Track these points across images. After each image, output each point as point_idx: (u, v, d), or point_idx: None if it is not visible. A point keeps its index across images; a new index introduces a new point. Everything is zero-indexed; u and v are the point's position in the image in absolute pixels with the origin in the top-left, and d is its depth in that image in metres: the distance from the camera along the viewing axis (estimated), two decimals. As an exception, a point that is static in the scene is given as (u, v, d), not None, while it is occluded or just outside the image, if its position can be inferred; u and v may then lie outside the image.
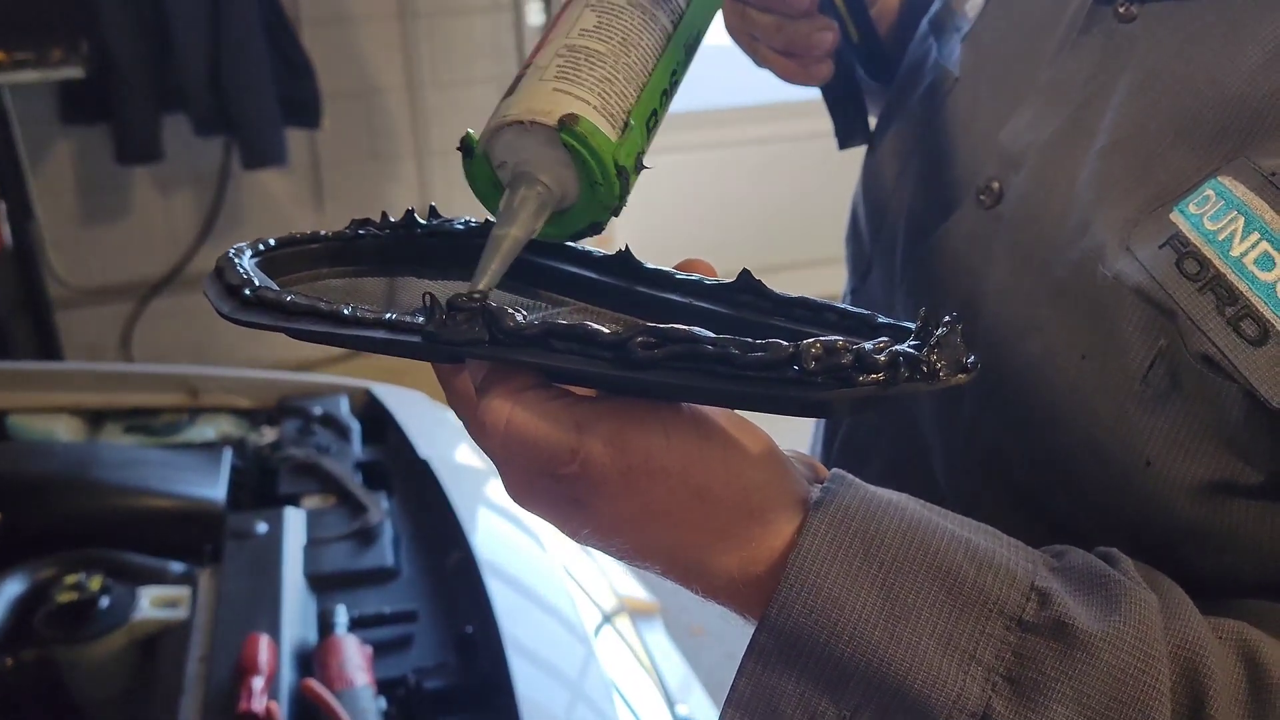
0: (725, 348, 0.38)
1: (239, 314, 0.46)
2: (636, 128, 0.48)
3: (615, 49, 0.48)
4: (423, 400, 1.61)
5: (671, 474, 0.41)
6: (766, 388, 0.38)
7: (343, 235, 0.55)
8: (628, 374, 0.39)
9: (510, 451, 0.42)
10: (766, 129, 3.74)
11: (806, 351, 0.37)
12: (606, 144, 0.46)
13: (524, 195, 0.47)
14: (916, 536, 0.42)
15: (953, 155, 0.66)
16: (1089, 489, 0.53)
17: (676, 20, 0.51)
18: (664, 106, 0.50)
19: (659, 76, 0.49)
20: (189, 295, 3.30)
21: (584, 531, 0.44)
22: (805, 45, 0.74)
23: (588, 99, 0.46)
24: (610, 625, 1.23)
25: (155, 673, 1.02)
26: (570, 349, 0.40)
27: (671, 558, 0.44)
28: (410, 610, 1.13)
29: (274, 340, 2.13)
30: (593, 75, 0.47)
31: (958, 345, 0.39)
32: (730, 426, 0.43)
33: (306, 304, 0.46)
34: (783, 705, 0.42)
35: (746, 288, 0.49)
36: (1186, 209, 0.48)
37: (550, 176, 0.47)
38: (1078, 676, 0.41)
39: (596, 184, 0.47)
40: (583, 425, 0.41)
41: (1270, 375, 0.45)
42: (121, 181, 3.11)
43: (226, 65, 2.79)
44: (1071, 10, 0.60)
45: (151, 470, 1.25)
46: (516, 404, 0.42)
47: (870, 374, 0.37)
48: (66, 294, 3.12)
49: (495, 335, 0.41)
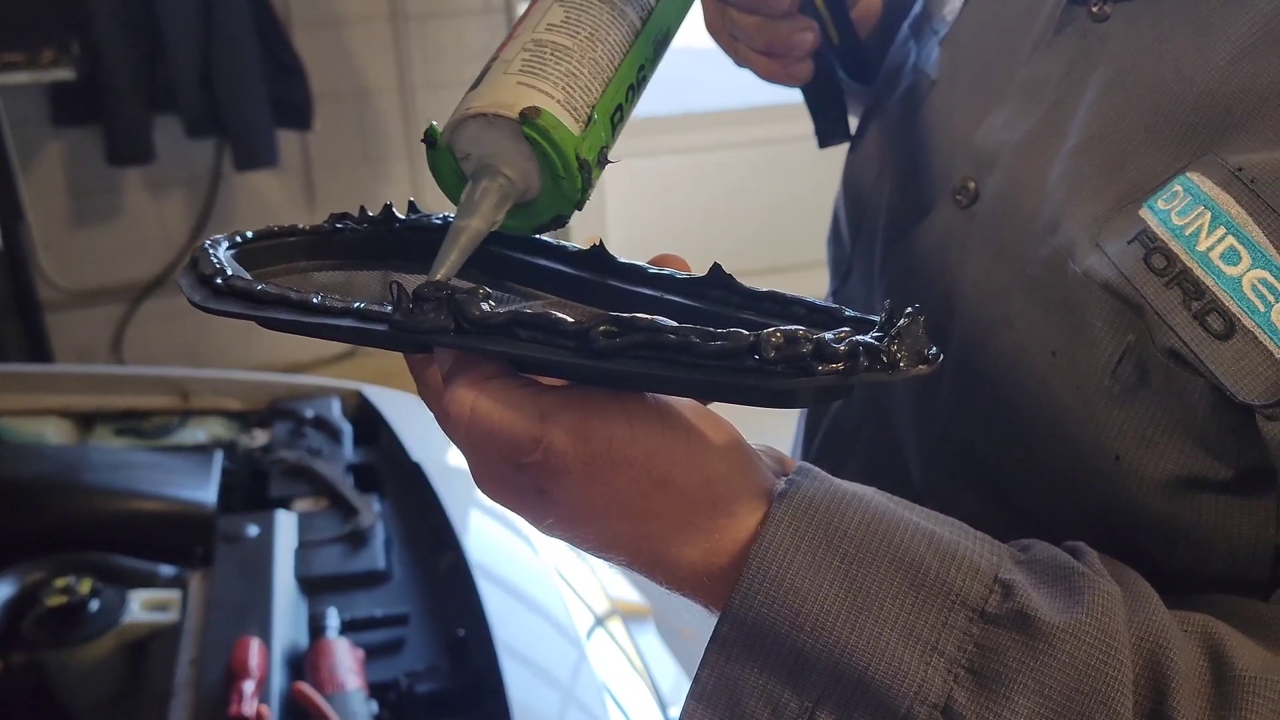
0: (686, 337, 0.38)
1: (210, 303, 0.47)
2: (600, 122, 0.48)
3: (581, 44, 0.48)
4: (415, 403, 1.61)
5: (634, 464, 0.42)
6: (728, 376, 0.38)
7: (320, 229, 0.55)
8: (590, 363, 0.39)
9: (475, 440, 0.43)
10: (750, 132, 3.74)
11: (767, 341, 0.38)
12: (569, 137, 0.47)
13: (485, 187, 0.47)
14: (880, 528, 0.42)
15: (930, 156, 0.66)
16: (1060, 484, 0.54)
17: (645, 16, 0.51)
18: (631, 102, 0.51)
19: (625, 72, 0.50)
20: (180, 298, 3.28)
21: (549, 521, 0.44)
22: (785, 45, 0.74)
23: (551, 93, 0.47)
24: (602, 628, 1.22)
25: (145, 676, 1.02)
26: (535, 338, 0.40)
27: (635, 548, 0.44)
28: (402, 613, 1.13)
29: (265, 343, 2.13)
30: (558, 69, 0.47)
31: (919, 336, 0.40)
32: (695, 418, 0.43)
33: (276, 293, 0.46)
34: (745, 696, 0.42)
35: (716, 282, 0.49)
36: (1155, 205, 0.49)
37: (513, 169, 0.47)
38: (1040, 668, 0.41)
39: (559, 177, 0.47)
40: (546, 414, 0.41)
41: (1236, 369, 0.45)
42: (113, 183, 3.11)
43: (218, 67, 2.79)
44: (1047, 11, 0.60)
45: (142, 473, 1.25)
46: (481, 393, 0.42)
47: (830, 363, 0.38)
48: (57, 296, 3.11)
49: (461, 324, 0.42)
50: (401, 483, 1.37)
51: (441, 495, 1.28)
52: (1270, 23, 0.48)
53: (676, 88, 4.83)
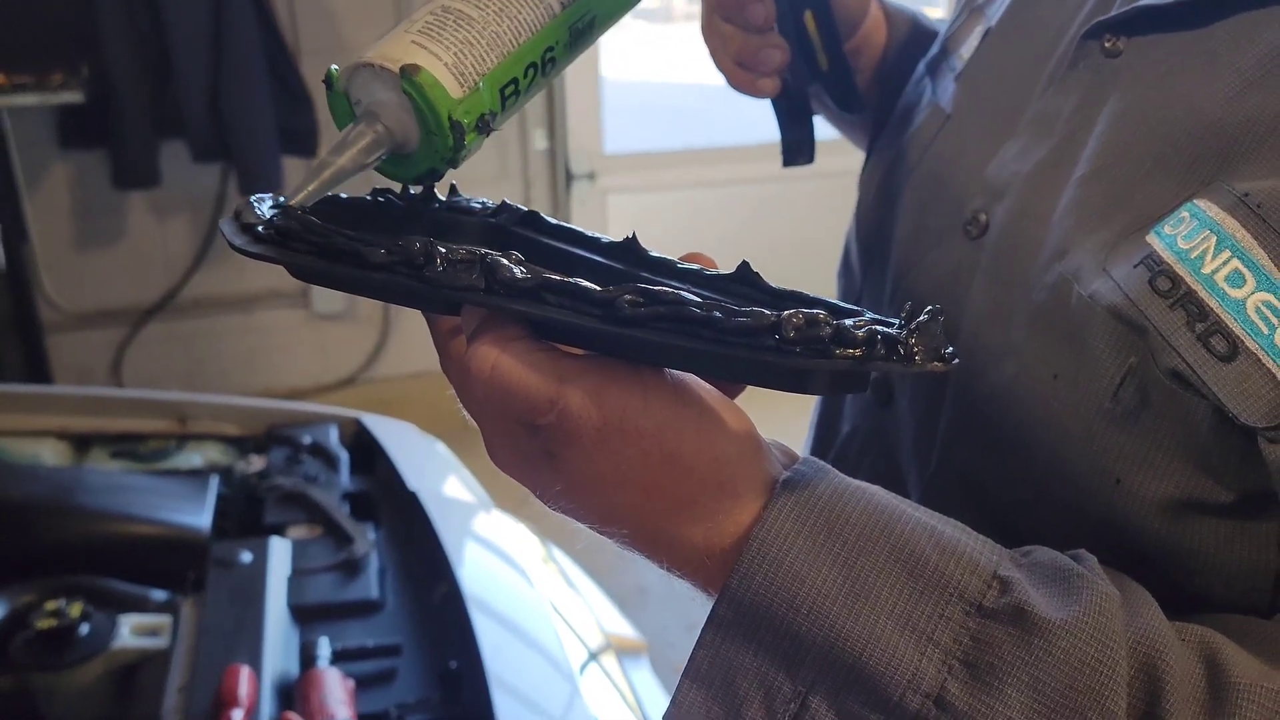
0: (710, 311, 0.39)
1: (252, 247, 0.48)
2: (485, 90, 0.50)
3: (487, 16, 0.51)
4: (412, 431, 1.61)
5: (645, 435, 0.42)
6: (747, 352, 0.39)
7: (361, 200, 0.57)
8: (614, 329, 0.41)
9: (491, 398, 0.43)
10: (761, 169, 3.77)
11: (788, 321, 0.39)
12: (444, 98, 0.49)
13: (360, 131, 0.50)
14: (882, 520, 0.43)
15: (943, 189, 0.67)
16: (1060, 509, 0.54)
17: (568, 3, 0.54)
18: (532, 79, 0.53)
19: (528, 50, 0.52)
20: (182, 321, 3.30)
21: (556, 489, 0.45)
22: (754, 59, 0.77)
23: (441, 55, 0.49)
24: (596, 663, 1.21)
25: (133, 702, 1.01)
26: (561, 303, 0.42)
27: (639, 523, 0.44)
28: (394, 644, 1.12)
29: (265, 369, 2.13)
30: (455, 36, 0.50)
31: (937, 335, 0.41)
32: (711, 400, 0.44)
33: (318, 239, 0.46)
34: (739, 678, 0.43)
35: (743, 279, 0.50)
36: (1162, 230, 0.49)
37: (392, 119, 0.50)
38: (1034, 663, 0.41)
39: (431, 133, 0.49)
40: (565, 377, 0.42)
41: (1238, 391, 0.45)
42: (117, 206, 3.12)
43: (226, 93, 2.81)
44: (1061, 48, 0.61)
45: (136, 496, 1.24)
46: (504, 351, 0.43)
47: (848, 348, 0.39)
48: (58, 317, 3.11)
49: (491, 285, 0.43)
50: (397, 511, 1.36)
51: (437, 525, 1.27)
52: (1278, 55, 0.49)
53: (689, 123, 4.87)
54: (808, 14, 0.77)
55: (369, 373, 3.57)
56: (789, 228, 3.79)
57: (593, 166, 3.62)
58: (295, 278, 0.49)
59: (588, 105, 3.57)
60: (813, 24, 0.77)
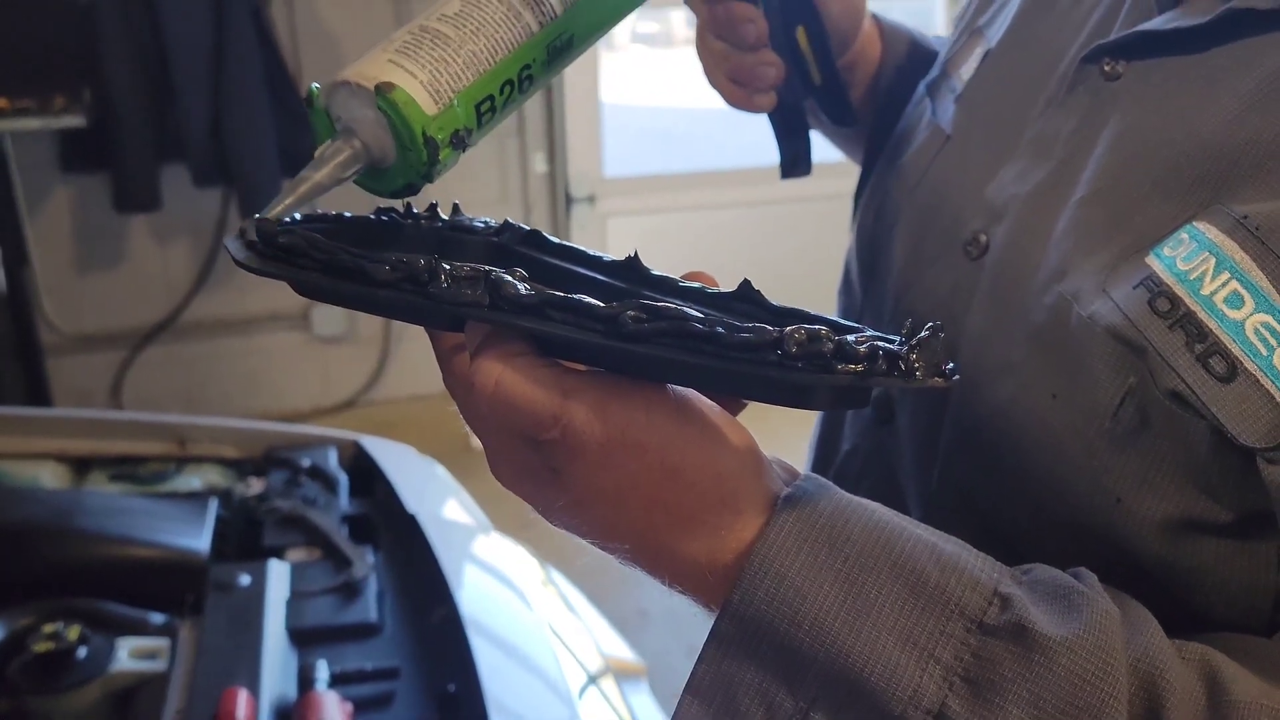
0: (713, 327, 0.40)
1: (255, 264, 0.48)
2: (460, 107, 0.51)
3: (464, 35, 0.52)
4: (411, 454, 1.60)
5: (648, 450, 0.42)
6: (750, 368, 0.39)
7: (364, 218, 0.58)
8: (618, 345, 0.41)
9: (496, 413, 0.43)
10: (761, 192, 3.78)
11: (790, 336, 0.39)
12: (418, 114, 0.49)
13: (338, 148, 0.50)
14: (883, 536, 0.43)
15: (943, 209, 0.67)
16: (1059, 528, 0.54)
17: (546, 22, 0.54)
18: (508, 97, 0.54)
19: (505, 67, 0.53)
20: (182, 344, 3.30)
21: (559, 504, 0.45)
22: (748, 76, 0.78)
23: (416, 73, 0.50)
24: (595, 686, 1.21)
25: (130, 726, 1.00)
26: (565, 319, 0.42)
27: (641, 538, 0.44)
28: (392, 667, 1.11)
29: (264, 391, 2.13)
30: (431, 55, 0.51)
31: (938, 351, 0.41)
32: (713, 416, 0.44)
33: (321, 256, 0.47)
34: (740, 694, 0.43)
35: (745, 297, 0.51)
36: (1162, 252, 0.50)
37: (369, 135, 0.50)
38: (1035, 680, 0.41)
39: (406, 149, 0.50)
40: (569, 392, 0.42)
41: (1237, 412, 0.45)
42: (118, 230, 3.13)
43: (227, 117, 2.82)
44: (1060, 70, 0.62)
45: (135, 519, 1.24)
46: (508, 366, 0.43)
47: (849, 364, 0.39)
48: (58, 340, 3.12)
49: (495, 301, 0.43)
50: (396, 534, 1.36)
51: (436, 548, 1.27)
52: (1277, 79, 0.49)
53: (688, 147, 4.89)
54: (800, 30, 0.78)
55: (369, 395, 3.57)
56: (789, 250, 3.80)
57: (592, 190, 3.64)
58: (300, 294, 0.49)
59: (588, 129, 3.59)
60: (805, 40, 0.78)
